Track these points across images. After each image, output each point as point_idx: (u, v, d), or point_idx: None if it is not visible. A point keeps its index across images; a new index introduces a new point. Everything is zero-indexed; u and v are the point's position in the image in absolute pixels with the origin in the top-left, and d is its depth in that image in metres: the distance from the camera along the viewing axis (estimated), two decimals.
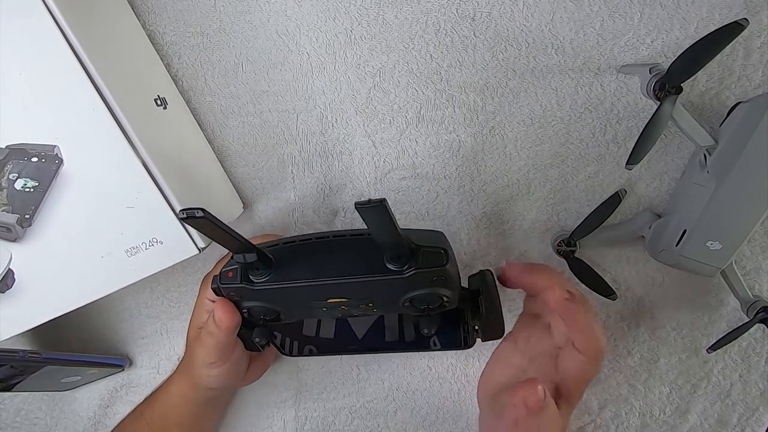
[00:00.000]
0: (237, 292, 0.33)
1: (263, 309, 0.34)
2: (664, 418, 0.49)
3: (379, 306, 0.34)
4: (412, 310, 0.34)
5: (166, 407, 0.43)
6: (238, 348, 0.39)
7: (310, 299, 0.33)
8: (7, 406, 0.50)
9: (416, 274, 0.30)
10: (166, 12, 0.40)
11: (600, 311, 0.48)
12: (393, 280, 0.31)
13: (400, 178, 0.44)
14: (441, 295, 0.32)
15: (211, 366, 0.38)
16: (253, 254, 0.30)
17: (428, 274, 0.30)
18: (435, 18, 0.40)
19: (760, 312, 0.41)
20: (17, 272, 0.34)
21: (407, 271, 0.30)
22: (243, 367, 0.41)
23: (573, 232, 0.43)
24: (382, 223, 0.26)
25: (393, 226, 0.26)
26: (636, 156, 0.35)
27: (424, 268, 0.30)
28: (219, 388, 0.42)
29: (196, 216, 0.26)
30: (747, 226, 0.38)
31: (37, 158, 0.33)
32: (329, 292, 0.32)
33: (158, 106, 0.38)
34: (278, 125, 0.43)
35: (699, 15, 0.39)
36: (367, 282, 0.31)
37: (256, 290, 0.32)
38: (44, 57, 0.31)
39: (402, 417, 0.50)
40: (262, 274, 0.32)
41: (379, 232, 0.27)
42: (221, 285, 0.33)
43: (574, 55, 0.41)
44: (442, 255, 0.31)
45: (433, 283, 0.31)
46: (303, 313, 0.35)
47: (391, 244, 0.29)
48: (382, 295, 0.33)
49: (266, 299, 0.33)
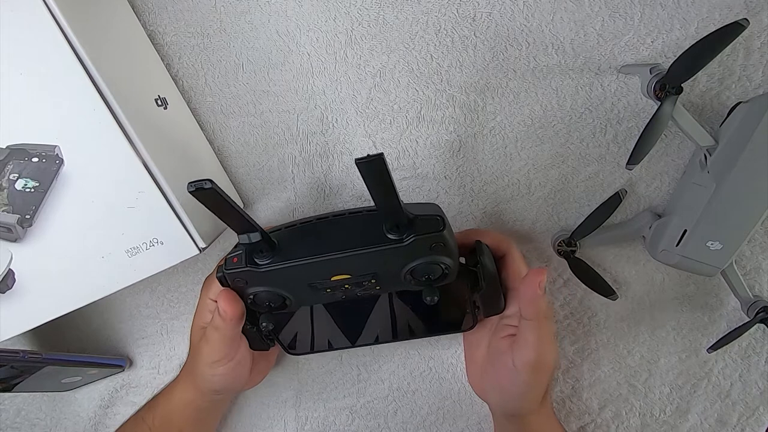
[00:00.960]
0: (243, 277, 0.33)
1: (269, 294, 0.34)
2: (664, 418, 0.49)
3: (382, 281, 0.35)
4: (413, 283, 0.35)
5: (168, 412, 0.43)
6: (242, 346, 0.39)
7: (314, 278, 0.34)
8: (8, 406, 0.49)
9: (415, 240, 0.31)
10: (166, 12, 0.40)
11: (600, 311, 0.48)
12: (393, 249, 0.32)
13: (400, 178, 0.44)
14: (441, 263, 0.33)
15: (215, 364, 0.38)
16: (257, 233, 0.31)
17: (427, 240, 0.32)
18: (435, 18, 0.40)
19: (760, 312, 0.41)
20: (18, 272, 0.34)
21: (406, 239, 0.31)
22: (246, 368, 0.41)
23: (573, 232, 0.43)
24: (381, 178, 0.27)
25: (390, 182, 0.27)
26: (636, 156, 0.35)
27: (422, 234, 0.31)
28: (222, 390, 0.41)
29: (204, 187, 0.26)
30: (747, 226, 0.38)
31: (37, 158, 0.33)
32: (333, 268, 0.33)
33: (159, 107, 0.38)
34: (279, 125, 0.43)
35: (699, 15, 0.40)
36: (368, 253, 0.32)
37: (262, 272, 0.33)
38: (45, 57, 0.31)
39: (402, 417, 0.50)
40: (266, 256, 0.32)
41: (377, 190, 0.28)
42: (226, 271, 0.33)
43: (575, 56, 0.41)
44: (439, 221, 0.32)
45: (432, 250, 0.32)
46: (308, 297, 0.36)
47: (389, 207, 0.30)
48: (384, 267, 0.33)
49: (271, 282, 0.34)
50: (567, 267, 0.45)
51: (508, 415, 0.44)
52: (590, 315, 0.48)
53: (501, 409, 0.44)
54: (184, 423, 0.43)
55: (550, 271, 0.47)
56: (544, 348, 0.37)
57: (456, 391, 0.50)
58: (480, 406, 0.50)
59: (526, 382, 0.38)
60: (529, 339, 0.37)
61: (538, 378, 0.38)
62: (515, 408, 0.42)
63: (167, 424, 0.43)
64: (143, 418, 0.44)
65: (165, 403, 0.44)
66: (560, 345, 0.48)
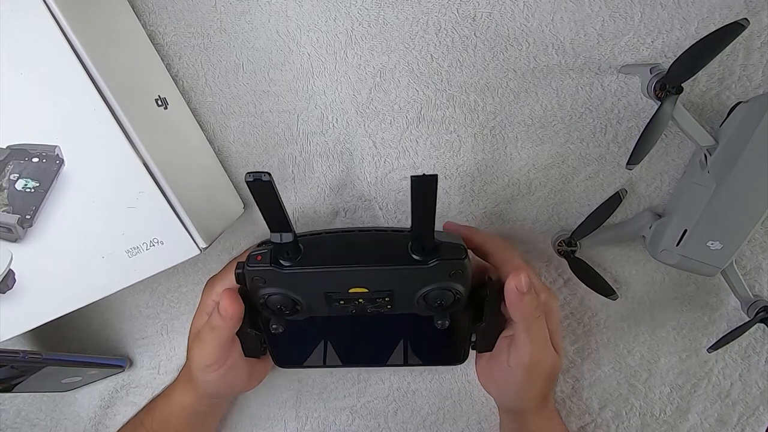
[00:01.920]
0: (263, 276, 0.34)
1: (282, 298, 0.35)
2: (665, 418, 0.49)
3: (395, 301, 0.35)
4: (424, 308, 0.35)
5: (166, 416, 0.43)
6: (234, 351, 0.39)
7: (333, 288, 0.34)
8: (8, 406, 0.49)
9: (438, 264, 0.32)
10: (166, 12, 0.40)
11: (600, 311, 0.48)
12: (415, 270, 0.33)
13: (400, 178, 0.44)
14: (455, 291, 0.34)
15: (207, 369, 0.38)
16: (290, 234, 0.31)
17: (449, 266, 0.33)
18: (436, 18, 0.40)
19: (761, 311, 0.41)
20: (18, 273, 0.34)
21: (431, 262, 0.32)
22: (240, 373, 0.41)
23: (573, 232, 0.43)
24: (428, 198, 0.28)
25: (434, 204, 0.29)
26: (636, 156, 0.35)
27: (447, 260, 0.32)
28: (218, 395, 0.41)
29: (262, 179, 0.27)
30: (747, 225, 0.38)
31: (38, 158, 0.33)
32: (353, 281, 0.34)
33: (159, 107, 0.38)
34: (279, 125, 0.43)
35: (699, 15, 0.40)
36: (391, 271, 0.33)
37: (284, 273, 0.33)
38: (45, 57, 0.31)
39: (402, 417, 0.50)
40: (290, 259, 0.33)
41: (420, 208, 0.29)
42: (248, 268, 0.34)
43: (575, 55, 0.41)
44: (462, 249, 0.33)
45: (450, 277, 0.33)
46: (319, 307, 0.36)
47: (424, 226, 0.31)
48: (402, 287, 0.34)
49: (290, 285, 0.34)
50: (567, 267, 0.45)
51: (508, 411, 0.44)
52: (590, 315, 0.48)
53: (501, 405, 0.45)
54: (182, 426, 0.43)
55: (550, 270, 0.47)
56: (538, 350, 0.37)
57: (456, 391, 0.50)
58: (480, 406, 0.50)
59: (521, 382, 0.38)
60: (521, 340, 0.37)
61: (534, 379, 0.38)
62: (513, 406, 0.42)
63: (165, 427, 0.43)
64: (142, 421, 0.44)
65: (163, 406, 0.44)
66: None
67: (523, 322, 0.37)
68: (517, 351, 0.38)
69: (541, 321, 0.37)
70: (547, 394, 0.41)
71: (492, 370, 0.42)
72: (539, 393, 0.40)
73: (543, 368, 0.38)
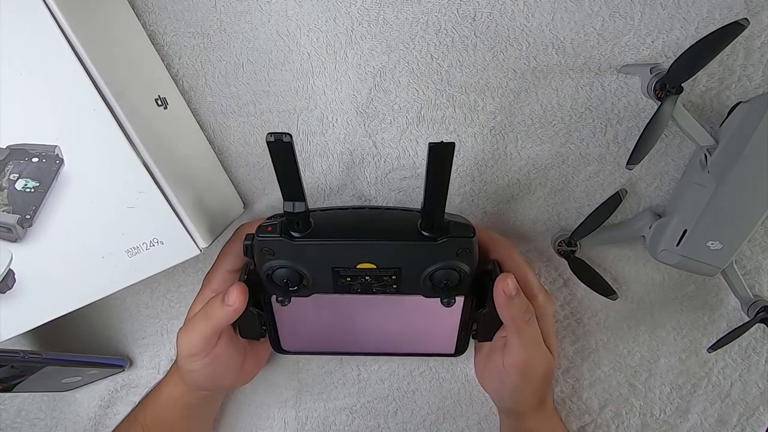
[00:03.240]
0: (272, 248, 0.34)
1: (289, 272, 0.35)
2: (665, 418, 0.49)
3: (402, 280, 0.35)
4: (430, 288, 0.35)
5: (158, 410, 0.43)
6: (220, 343, 0.38)
7: (341, 262, 0.34)
8: (8, 406, 0.49)
9: (447, 242, 0.33)
10: (166, 12, 0.40)
11: (600, 311, 0.48)
12: (425, 246, 0.33)
13: (401, 178, 0.44)
14: (460, 270, 0.34)
15: (192, 359, 0.37)
16: (302, 204, 0.31)
17: (457, 243, 0.33)
18: (436, 18, 0.40)
19: (761, 311, 0.41)
20: (18, 273, 0.34)
21: (440, 238, 0.33)
22: (229, 367, 0.40)
23: (573, 232, 0.43)
24: (445, 166, 0.29)
25: (449, 174, 0.29)
26: (636, 156, 0.35)
27: (455, 237, 0.33)
28: (206, 387, 0.41)
29: (283, 140, 0.27)
30: (747, 225, 0.38)
31: (37, 158, 0.33)
32: (362, 255, 0.34)
33: (159, 106, 0.38)
34: (279, 125, 0.43)
35: (699, 15, 0.40)
36: (400, 246, 0.33)
37: (295, 245, 0.33)
38: (45, 57, 0.31)
39: (402, 417, 0.50)
40: (301, 230, 0.33)
41: (435, 177, 0.29)
42: (258, 238, 0.34)
43: (575, 55, 0.41)
44: (470, 227, 0.34)
45: (457, 255, 0.34)
46: (326, 283, 0.36)
47: (437, 198, 0.31)
48: (410, 264, 0.34)
49: (299, 258, 0.34)
50: (567, 267, 0.45)
51: (506, 412, 0.44)
52: (590, 315, 0.48)
53: (498, 404, 0.45)
54: (174, 420, 0.43)
55: (550, 270, 0.47)
56: (530, 352, 0.37)
57: (456, 391, 0.50)
58: (480, 406, 0.50)
59: (516, 383, 0.38)
60: (513, 342, 0.37)
61: (528, 381, 0.38)
62: (509, 406, 0.43)
63: (158, 421, 0.43)
64: (136, 416, 0.44)
65: (155, 400, 0.43)
66: (560, 345, 0.48)
67: (513, 325, 0.37)
68: (510, 354, 0.38)
69: (532, 323, 0.37)
70: (544, 394, 0.41)
71: (488, 367, 0.42)
72: (535, 394, 0.40)
73: (537, 370, 0.38)
